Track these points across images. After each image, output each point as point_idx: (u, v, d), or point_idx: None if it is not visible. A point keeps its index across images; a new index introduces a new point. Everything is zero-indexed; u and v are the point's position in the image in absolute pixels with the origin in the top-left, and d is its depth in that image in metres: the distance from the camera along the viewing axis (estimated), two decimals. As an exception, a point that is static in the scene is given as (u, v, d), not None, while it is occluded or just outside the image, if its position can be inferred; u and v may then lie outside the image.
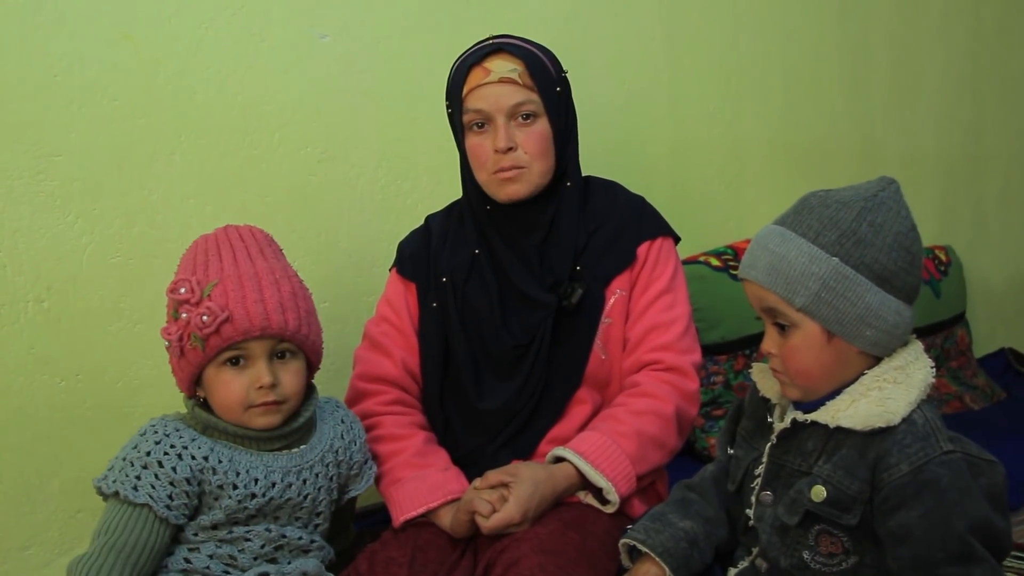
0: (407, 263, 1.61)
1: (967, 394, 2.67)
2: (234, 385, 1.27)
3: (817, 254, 1.09)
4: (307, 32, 1.84)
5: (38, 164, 1.59)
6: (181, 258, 1.32)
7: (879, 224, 1.09)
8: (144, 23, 1.67)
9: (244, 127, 1.78)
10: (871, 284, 1.09)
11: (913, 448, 1.07)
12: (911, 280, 1.11)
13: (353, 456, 1.40)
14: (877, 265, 1.09)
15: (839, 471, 1.10)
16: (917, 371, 1.12)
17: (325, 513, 1.36)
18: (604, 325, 1.51)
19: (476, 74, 1.47)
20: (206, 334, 1.23)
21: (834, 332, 1.11)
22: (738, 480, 1.25)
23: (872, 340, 1.11)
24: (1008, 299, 3.21)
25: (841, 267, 1.09)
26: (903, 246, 1.10)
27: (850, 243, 1.09)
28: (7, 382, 1.59)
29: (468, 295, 1.54)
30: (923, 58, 2.93)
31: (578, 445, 1.43)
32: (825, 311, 1.10)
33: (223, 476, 1.25)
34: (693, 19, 2.39)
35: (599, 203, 1.57)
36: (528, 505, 1.35)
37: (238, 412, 1.28)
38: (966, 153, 3.07)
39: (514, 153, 1.46)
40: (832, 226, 1.10)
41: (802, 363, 1.14)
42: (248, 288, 1.25)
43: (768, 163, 2.56)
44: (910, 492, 1.06)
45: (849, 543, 1.12)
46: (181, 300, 1.25)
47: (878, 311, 1.09)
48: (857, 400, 1.11)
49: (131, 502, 1.22)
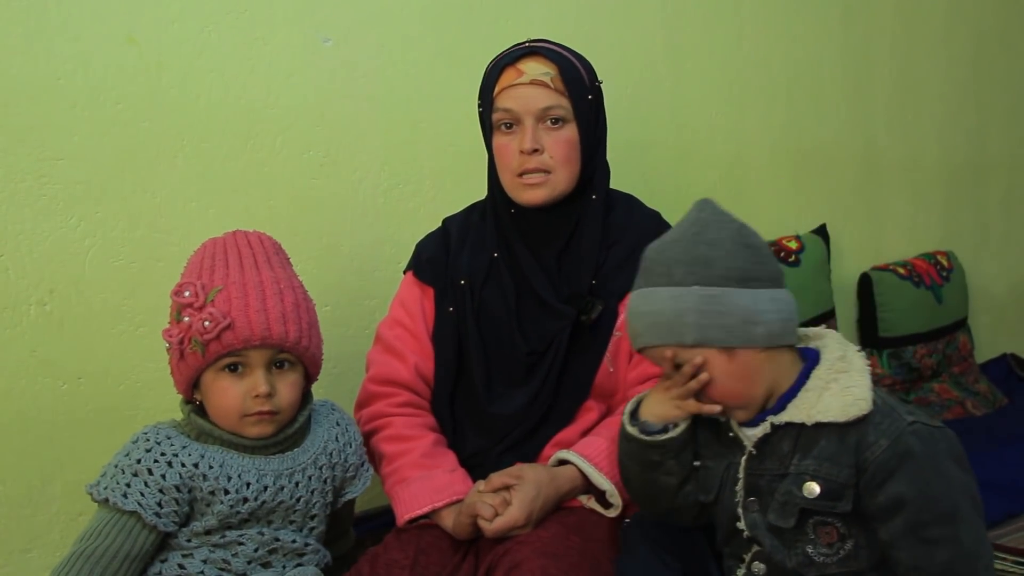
0: (425, 267, 1.60)
1: (969, 400, 2.67)
2: (231, 392, 1.27)
3: (677, 292, 1.16)
4: (310, 36, 1.84)
5: (41, 167, 1.59)
6: (189, 259, 1.33)
7: (712, 239, 1.17)
8: (148, 27, 1.67)
9: (247, 131, 1.78)
10: (736, 288, 1.15)
11: (884, 424, 1.13)
12: (767, 268, 1.18)
13: (348, 459, 1.39)
14: (731, 272, 1.15)
15: (825, 463, 1.14)
16: (855, 357, 1.19)
17: (320, 516, 1.36)
18: (615, 339, 1.51)
19: (509, 74, 1.47)
20: (207, 339, 1.23)
21: (731, 345, 1.16)
22: (715, 491, 1.26)
23: (767, 333, 1.16)
24: (1010, 305, 3.21)
25: (702, 290, 1.15)
26: (742, 244, 1.17)
27: (699, 267, 1.16)
28: (9, 385, 1.59)
29: (485, 298, 1.54)
30: (926, 64, 2.93)
31: (582, 449, 1.43)
32: (714, 332, 1.16)
33: (214, 482, 1.25)
34: (696, 25, 2.40)
35: (618, 217, 1.57)
36: (532, 507, 1.35)
37: (233, 419, 1.28)
38: (968, 159, 3.07)
39: (540, 156, 1.46)
40: (675, 263, 1.17)
41: (723, 388, 1.19)
42: (252, 296, 1.25)
43: (770, 169, 2.56)
44: (892, 464, 1.11)
45: (843, 527, 1.15)
46: (184, 303, 1.25)
47: (755, 307, 1.15)
48: (822, 394, 1.16)
49: (120, 509, 1.22)
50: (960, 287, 2.86)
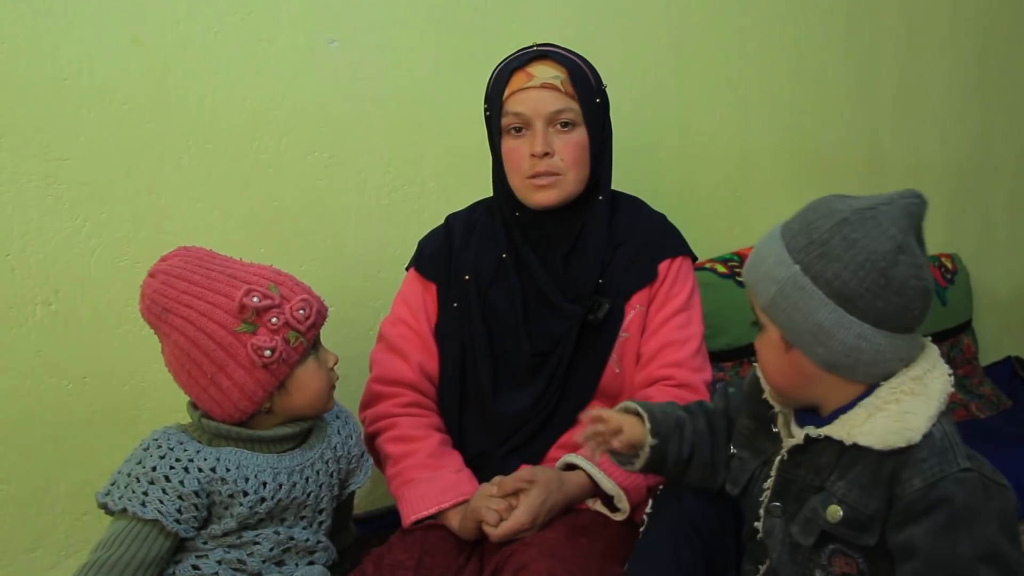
0: (427, 263, 1.60)
1: (973, 403, 2.66)
2: (321, 372, 1.31)
3: (783, 258, 1.05)
4: (315, 38, 1.84)
5: (47, 168, 1.59)
6: (181, 285, 1.25)
7: (853, 240, 1.02)
8: (153, 28, 1.67)
9: (252, 132, 1.78)
10: (827, 300, 1.02)
11: (929, 463, 1.01)
12: (882, 305, 1.02)
13: (351, 450, 1.41)
14: (838, 282, 1.02)
15: (855, 489, 1.05)
16: (935, 380, 1.07)
17: (328, 510, 1.37)
18: (621, 339, 1.51)
19: (519, 78, 1.47)
20: (306, 326, 1.26)
21: (791, 342, 1.07)
22: (742, 484, 1.21)
23: (826, 360, 1.05)
24: (1014, 307, 3.20)
25: (800, 276, 1.04)
26: (876, 267, 1.01)
27: (815, 254, 1.03)
28: (14, 385, 1.59)
29: (491, 298, 1.54)
30: (930, 66, 2.92)
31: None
32: (780, 317, 1.06)
33: (233, 485, 1.25)
34: (700, 27, 2.40)
35: (624, 219, 1.57)
36: (539, 511, 1.35)
37: (325, 398, 1.32)
38: (973, 161, 3.06)
39: (550, 159, 1.46)
40: (806, 232, 1.05)
41: (764, 365, 1.13)
42: (291, 280, 1.29)
43: (775, 170, 2.56)
44: (921, 508, 1.01)
45: (864, 564, 1.07)
46: (264, 307, 1.23)
47: (831, 330, 1.03)
48: (873, 415, 1.04)
49: (140, 518, 1.21)
50: (964, 289, 2.86)
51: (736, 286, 2.24)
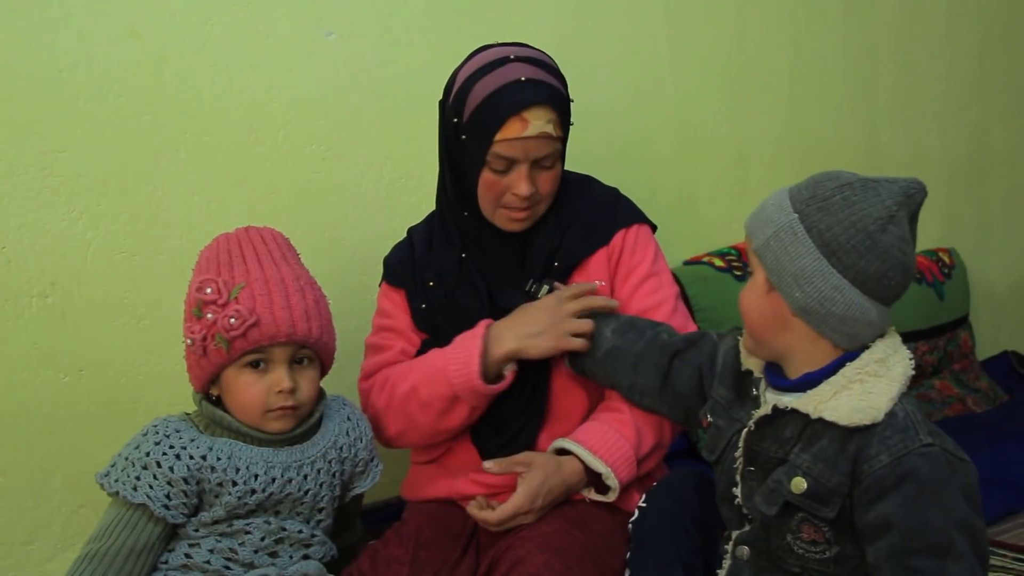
0: (393, 272, 1.60)
1: (969, 397, 2.67)
2: (254, 388, 1.28)
3: (784, 205, 1.13)
4: (313, 30, 1.84)
5: (43, 160, 1.59)
6: (201, 256, 1.33)
7: (852, 202, 1.09)
8: (150, 20, 1.67)
9: (249, 124, 1.78)
10: (815, 249, 1.09)
11: (893, 440, 1.07)
12: (863, 264, 1.08)
13: (358, 454, 1.40)
14: (829, 234, 1.08)
15: (819, 463, 1.10)
16: (897, 363, 1.13)
17: (327, 509, 1.36)
18: None
19: (513, 125, 1.39)
20: (232, 336, 1.24)
21: (773, 284, 1.14)
22: (718, 451, 1.25)
23: (802, 304, 1.11)
24: (1011, 302, 3.20)
25: (795, 224, 1.11)
26: (865, 229, 1.08)
27: (815, 206, 1.10)
28: (11, 377, 1.59)
29: (458, 299, 1.53)
30: (928, 61, 2.92)
31: (578, 435, 1.44)
32: (769, 258, 1.13)
33: (222, 473, 1.25)
34: (699, 21, 2.39)
35: (573, 198, 1.56)
36: (537, 493, 1.36)
37: (256, 415, 1.29)
38: (971, 157, 3.06)
39: (531, 196, 1.44)
40: (812, 188, 1.13)
41: (745, 307, 1.19)
42: (276, 294, 1.26)
43: (773, 165, 2.56)
44: (889, 483, 1.06)
45: (831, 534, 1.12)
46: (207, 300, 1.25)
47: (811, 276, 1.10)
48: (839, 392, 1.10)
49: (129, 502, 1.23)
50: (961, 284, 2.86)
51: (734, 280, 2.24)
